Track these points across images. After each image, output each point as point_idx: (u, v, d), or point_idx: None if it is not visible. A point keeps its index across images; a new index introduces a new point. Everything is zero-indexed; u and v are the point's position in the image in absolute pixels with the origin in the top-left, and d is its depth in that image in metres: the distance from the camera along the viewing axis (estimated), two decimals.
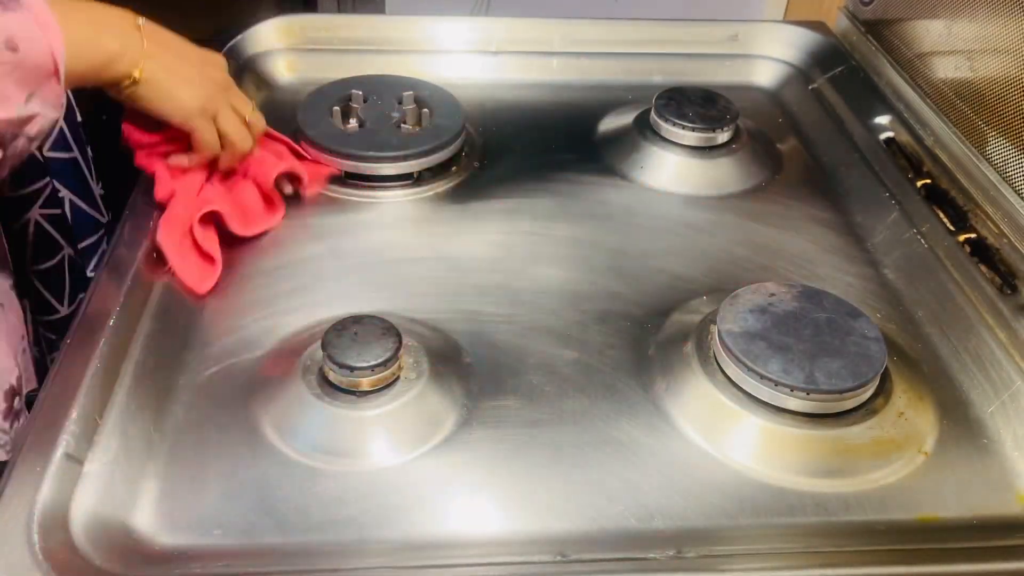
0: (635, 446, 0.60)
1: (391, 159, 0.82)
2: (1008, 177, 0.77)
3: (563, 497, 0.57)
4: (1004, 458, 0.61)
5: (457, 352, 0.66)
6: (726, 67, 1.05)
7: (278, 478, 0.57)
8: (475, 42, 1.02)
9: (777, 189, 0.87)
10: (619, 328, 0.70)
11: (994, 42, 0.79)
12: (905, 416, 0.62)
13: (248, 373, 0.64)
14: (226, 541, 0.54)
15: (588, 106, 0.97)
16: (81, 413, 0.56)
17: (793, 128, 0.97)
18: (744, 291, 0.66)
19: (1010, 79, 0.77)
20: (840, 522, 0.57)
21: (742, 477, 0.59)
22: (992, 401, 0.65)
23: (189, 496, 0.56)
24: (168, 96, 0.69)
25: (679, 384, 0.64)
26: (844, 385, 0.59)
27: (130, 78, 0.66)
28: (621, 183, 0.86)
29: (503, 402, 0.63)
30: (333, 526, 0.55)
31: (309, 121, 0.84)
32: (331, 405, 0.59)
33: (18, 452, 0.53)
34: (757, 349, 0.61)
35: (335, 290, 0.72)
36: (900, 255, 0.78)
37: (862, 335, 0.63)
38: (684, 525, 0.56)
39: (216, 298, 0.71)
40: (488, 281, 0.74)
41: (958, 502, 0.58)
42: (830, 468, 0.59)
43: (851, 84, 0.98)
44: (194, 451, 0.58)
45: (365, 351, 0.59)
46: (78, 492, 0.53)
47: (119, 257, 0.69)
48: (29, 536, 0.49)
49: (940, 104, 0.87)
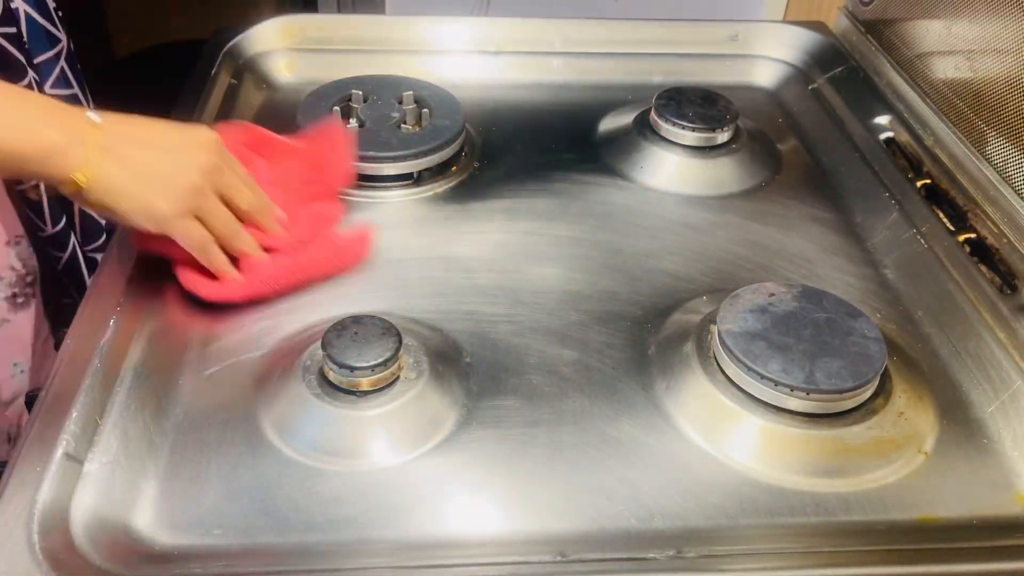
0: (635, 446, 0.60)
1: (391, 159, 0.82)
2: (1008, 177, 0.77)
3: (563, 497, 0.57)
4: (1004, 458, 0.61)
5: (457, 352, 0.66)
6: (726, 67, 1.05)
7: (278, 478, 0.57)
8: (475, 42, 1.02)
9: (777, 189, 0.87)
10: (619, 328, 0.70)
11: (994, 42, 0.79)
12: (905, 416, 0.62)
13: (248, 373, 0.64)
14: (226, 541, 0.54)
15: (588, 106, 0.97)
16: (81, 413, 0.56)
17: (793, 128, 0.97)
18: (744, 291, 0.66)
19: (1010, 79, 0.77)
20: (840, 522, 0.57)
21: (742, 477, 0.59)
22: (992, 401, 0.65)
23: (189, 496, 0.56)
24: (129, 202, 0.60)
25: (679, 384, 0.64)
26: (844, 385, 0.59)
27: (71, 183, 0.58)
28: (621, 183, 0.86)
29: (503, 402, 0.63)
30: (333, 526, 0.55)
31: (309, 121, 0.84)
32: (331, 405, 0.59)
33: (18, 452, 0.53)
34: (757, 349, 0.61)
35: (335, 290, 0.72)
36: (900, 255, 0.78)
37: (862, 335, 0.63)
38: (684, 525, 0.56)
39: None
40: (488, 281, 0.74)
41: (958, 502, 0.58)
42: (830, 468, 0.59)
43: (851, 84, 0.98)
44: (194, 451, 0.58)
45: (365, 351, 0.59)
46: (78, 492, 0.53)
47: (119, 257, 0.69)
48: (29, 536, 0.49)
49: (940, 104, 0.87)
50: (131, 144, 0.61)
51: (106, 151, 0.59)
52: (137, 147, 0.61)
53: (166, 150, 0.62)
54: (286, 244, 0.70)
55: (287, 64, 0.99)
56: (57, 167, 0.57)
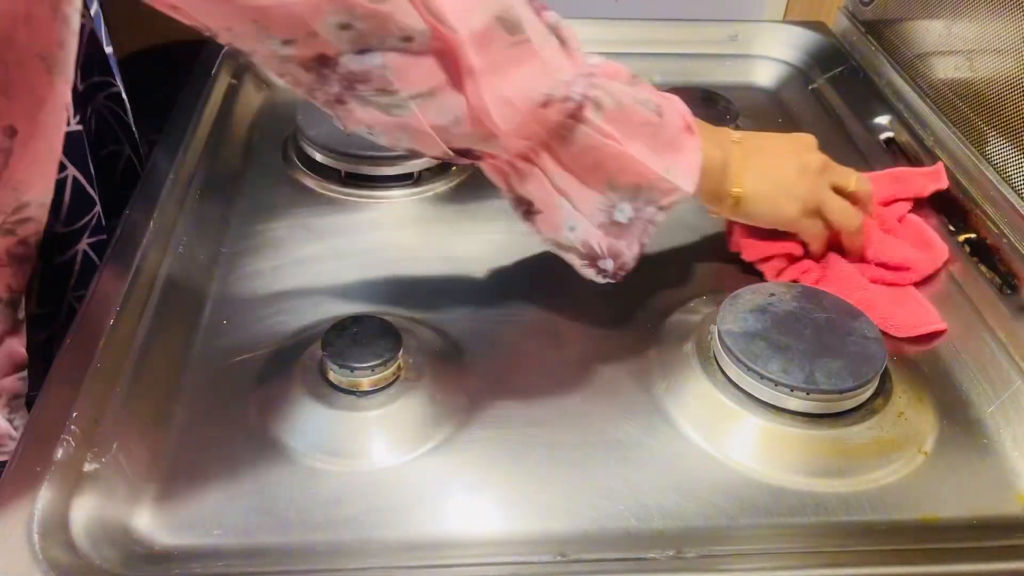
0: (635, 446, 0.60)
1: (391, 159, 0.82)
2: (1008, 177, 0.77)
3: (563, 497, 0.57)
4: (1004, 458, 0.61)
5: (457, 352, 0.66)
6: (726, 67, 1.05)
7: (278, 478, 0.57)
8: None
9: None
10: (619, 328, 0.69)
11: (994, 42, 0.79)
12: (905, 416, 0.62)
13: (248, 373, 0.64)
14: (226, 541, 0.54)
15: None
16: (81, 413, 0.56)
17: (793, 128, 0.97)
18: (744, 291, 0.66)
19: (1010, 79, 0.77)
20: (840, 522, 0.57)
21: (742, 477, 0.59)
22: (992, 401, 0.65)
23: (189, 496, 0.56)
24: (770, 208, 0.69)
25: (679, 384, 0.64)
26: (844, 385, 0.59)
27: (731, 196, 0.68)
28: None
29: (503, 402, 0.63)
30: (333, 526, 0.55)
31: (309, 121, 0.84)
32: (331, 405, 0.59)
33: (18, 452, 0.53)
34: (757, 349, 0.61)
35: (335, 290, 0.72)
36: None
37: (862, 335, 0.63)
38: (684, 525, 0.56)
39: (216, 297, 0.71)
40: (488, 281, 0.74)
41: (958, 502, 0.58)
42: (830, 468, 0.59)
43: (851, 84, 0.98)
44: (194, 451, 0.58)
45: (365, 351, 0.59)
46: (78, 492, 0.53)
47: (119, 256, 0.69)
48: (29, 536, 0.49)
49: (940, 104, 0.87)
50: (760, 155, 0.69)
51: (747, 169, 0.68)
52: (768, 160, 0.69)
53: (787, 162, 0.70)
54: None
55: None
56: (722, 183, 0.67)
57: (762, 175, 0.68)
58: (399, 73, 0.51)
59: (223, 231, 0.78)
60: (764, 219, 0.71)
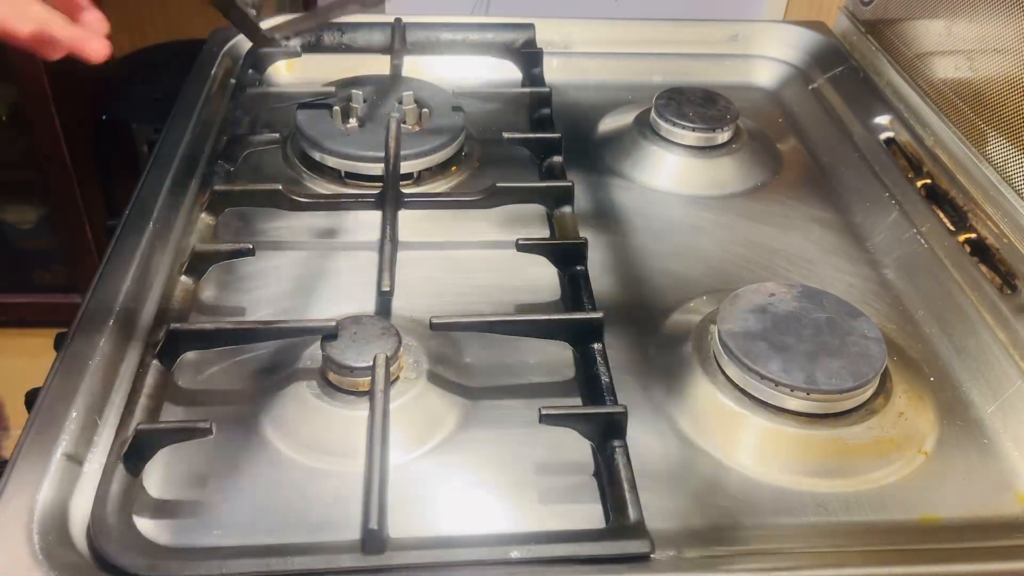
0: (635, 446, 0.60)
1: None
2: (1008, 177, 0.77)
3: (563, 496, 0.57)
4: (1004, 458, 0.61)
5: (457, 352, 0.66)
6: (726, 67, 1.05)
7: (278, 478, 0.57)
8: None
9: (777, 189, 0.87)
10: (619, 328, 0.69)
11: (994, 42, 0.79)
12: (905, 416, 0.62)
13: (248, 373, 0.64)
14: (226, 541, 0.54)
15: (588, 106, 0.97)
16: (81, 413, 0.56)
17: (793, 128, 0.97)
18: (744, 291, 0.66)
19: (1010, 79, 0.77)
20: (840, 522, 0.57)
21: (742, 477, 0.59)
22: (992, 401, 0.65)
23: (189, 496, 0.56)
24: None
25: (679, 384, 0.64)
26: (844, 385, 0.59)
27: None
28: (621, 183, 0.86)
29: (503, 402, 0.63)
30: (333, 526, 0.55)
31: (309, 121, 0.84)
32: (331, 405, 0.59)
33: (18, 452, 0.53)
34: (757, 349, 0.61)
35: (335, 290, 0.72)
36: (900, 255, 0.78)
37: (862, 335, 0.63)
38: (684, 525, 0.56)
39: (216, 297, 0.71)
40: (488, 281, 0.74)
41: (958, 502, 0.58)
42: (830, 468, 0.59)
43: (851, 84, 0.98)
44: (194, 451, 0.58)
45: (365, 351, 0.59)
46: (78, 492, 0.53)
47: (120, 255, 0.69)
48: (29, 536, 0.49)
49: (940, 104, 0.87)
50: None
51: None
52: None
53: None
54: None
55: (287, 64, 0.99)
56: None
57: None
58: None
59: (223, 231, 0.77)
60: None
